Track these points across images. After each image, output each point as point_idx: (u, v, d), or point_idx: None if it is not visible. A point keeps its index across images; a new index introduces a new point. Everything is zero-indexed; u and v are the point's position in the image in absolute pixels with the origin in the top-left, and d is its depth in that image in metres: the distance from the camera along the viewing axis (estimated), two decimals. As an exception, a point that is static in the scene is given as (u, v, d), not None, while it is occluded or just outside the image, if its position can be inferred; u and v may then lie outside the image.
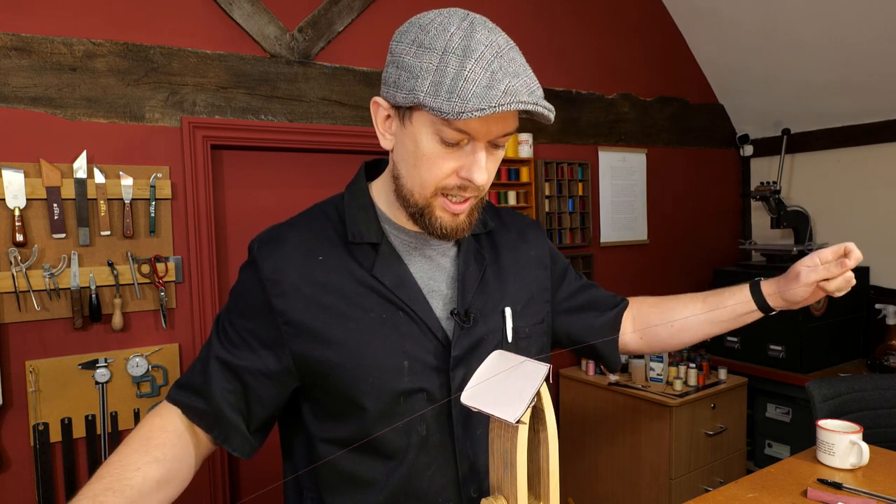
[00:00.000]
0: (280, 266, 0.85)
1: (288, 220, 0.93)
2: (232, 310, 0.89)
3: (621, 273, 3.18)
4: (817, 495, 1.18)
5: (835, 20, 2.73)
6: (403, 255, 0.89)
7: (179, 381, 0.89)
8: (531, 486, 0.79)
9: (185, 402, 0.87)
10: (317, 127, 2.23)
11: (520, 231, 1.04)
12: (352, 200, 0.92)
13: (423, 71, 0.74)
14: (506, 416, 0.72)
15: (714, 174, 3.59)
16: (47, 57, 1.81)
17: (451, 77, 0.72)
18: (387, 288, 0.86)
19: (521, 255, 1.01)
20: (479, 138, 0.78)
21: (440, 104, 0.73)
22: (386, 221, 0.90)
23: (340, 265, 0.86)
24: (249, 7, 2.09)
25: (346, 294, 0.85)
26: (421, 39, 0.76)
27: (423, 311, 0.87)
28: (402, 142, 0.82)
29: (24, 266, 1.77)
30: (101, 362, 1.88)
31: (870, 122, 3.06)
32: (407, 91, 0.76)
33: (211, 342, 0.89)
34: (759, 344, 2.87)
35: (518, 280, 0.98)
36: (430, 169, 0.80)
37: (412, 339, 0.86)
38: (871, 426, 1.79)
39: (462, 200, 0.83)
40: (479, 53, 0.73)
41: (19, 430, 1.81)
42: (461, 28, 0.75)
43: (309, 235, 0.89)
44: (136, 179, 1.91)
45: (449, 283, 0.91)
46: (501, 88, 0.72)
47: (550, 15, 2.85)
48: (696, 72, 3.44)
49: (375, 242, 0.88)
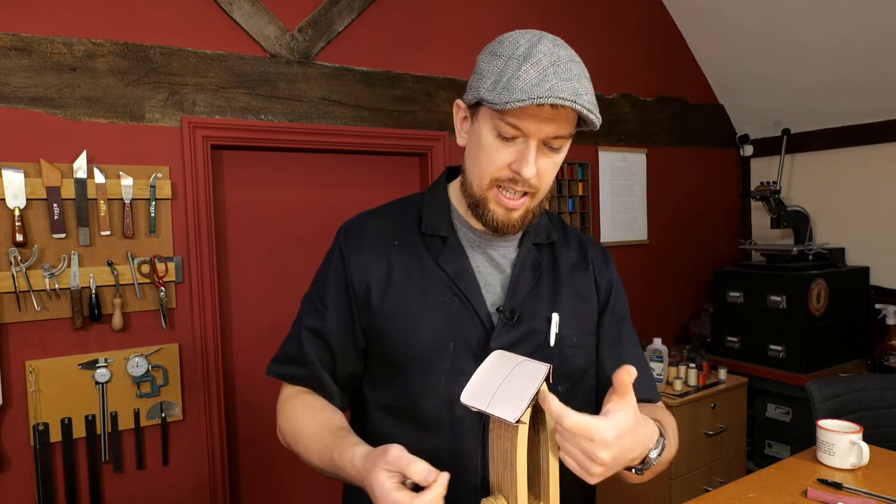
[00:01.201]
0: (359, 245, 0.99)
1: (374, 209, 1.07)
2: (316, 284, 1.03)
3: (621, 273, 3.14)
4: (817, 495, 1.18)
5: (835, 20, 2.73)
6: (468, 250, 0.99)
7: (277, 357, 1.04)
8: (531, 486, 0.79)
9: (288, 373, 1.01)
10: (317, 127, 2.23)
11: (582, 250, 1.08)
12: (430, 197, 1.03)
13: (488, 73, 0.86)
14: (505, 416, 0.72)
15: (714, 174, 3.59)
16: (47, 57, 1.81)
17: (509, 76, 0.82)
18: (448, 276, 0.96)
19: (578, 273, 1.05)
20: (531, 135, 0.86)
21: (493, 97, 0.83)
22: (457, 218, 1.01)
23: (412, 251, 0.98)
24: (249, 7, 2.09)
25: (412, 276, 0.97)
26: (495, 49, 0.88)
27: (477, 301, 0.95)
28: (471, 138, 0.93)
29: (24, 266, 1.77)
30: (101, 362, 1.88)
31: (870, 122, 3.06)
32: (474, 90, 0.88)
33: (300, 317, 1.03)
34: (760, 344, 2.87)
35: (572, 294, 1.02)
36: (488, 161, 0.89)
37: (461, 324, 0.95)
38: (871, 426, 1.79)
39: (516, 196, 0.90)
40: (537, 59, 0.82)
41: (19, 430, 1.81)
42: (530, 40, 0.85)
43: (389, 223, 1.02)
44: (136, 179, 1.91)
45: (503, 283, 0.99)
46: (547, 87, 0.79)
47: (550, 15, 2.85)
48: (696, 72, 3.44)
49: (445, 236, 0.98)
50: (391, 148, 2.40)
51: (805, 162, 3.37)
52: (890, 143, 3.00)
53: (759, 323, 2.88)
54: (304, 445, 0.94)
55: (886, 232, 3.04)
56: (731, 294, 3.00)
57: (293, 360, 1.01)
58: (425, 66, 2.48)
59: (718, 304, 3.07)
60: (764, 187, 3.10)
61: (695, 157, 3.49)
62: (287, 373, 1.02)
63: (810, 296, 2.74)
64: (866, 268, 3.08)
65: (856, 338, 2.98)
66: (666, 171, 3.35)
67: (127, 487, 1.96)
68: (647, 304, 3.29)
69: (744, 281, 2.95)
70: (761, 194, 3.11)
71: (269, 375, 1.04)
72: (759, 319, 2.88)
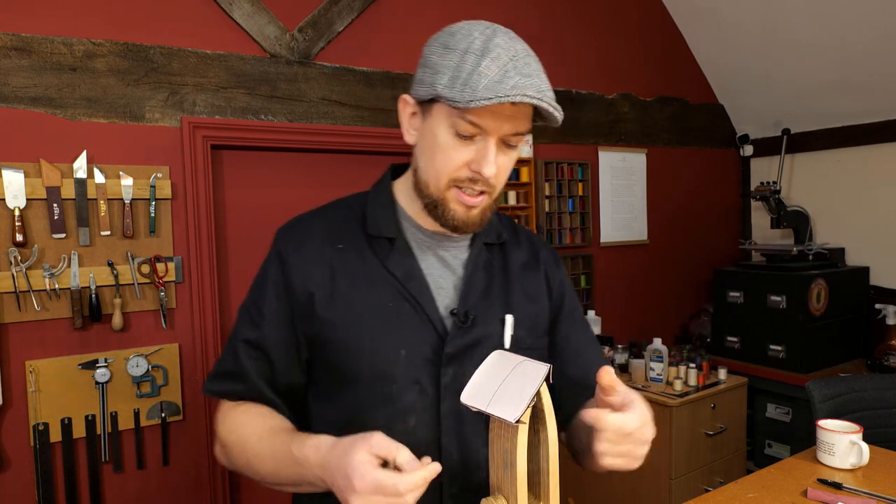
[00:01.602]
0: (299, 249, 0.93)
1: (314, 210, 1.00)
2: (252, 293, 0.96)
3: (621, 273, 3.18)
4: (817, 495, 1.19)
5: (835, 20, 2.73)
6: (417, 252, 0.94)
7: (213, 373, 0.97)
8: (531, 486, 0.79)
9: (225, 390, 0.95)
10: (317, 127, 2.23)
11: (533, 251, 1.05)
12: (375, 197, 0.98)
13: (443, 67, 0.81)
14: (506, 416, 0.72)
15: (714, 174, 3.59)
16: (47, 57, 1.81)
17: (468, 72, 0.79)
18: (397, 280, 0.91)
19: (529, 273, 1.02)
20: (490, 133, 0.83)
21: (454, 94, 0.79)
22: (405, 219, 0.96)
23: (358, 254, 0.93)
24: (249, 7, 2.09)
25: (358, 281, 0.91)
26: (446, 41, 0.83)
27: (428, 305, 0.91)
28: (424, 135, 0.88)
29: (24, 266, 1.77)
30: (101, 362, 1.88)
31: (870, 122, 3.06)
32: (428, 86, 0.83)
33: (236, 330, 0.95)
34: (760, 344, 2.87)
35: (524, 295, 1.00)
36: (445, 160, 0.85)
37: (413, 330, 0.90)
38: (871, 426, 1.79)
39: (475, 194, 0.87)
40: (496, 54, 0.79)
41: (19, 430, 1.81)
42: (484, 33, 0.82)
43: (331, 224, 0.96)
44: (136, 179, 1.91)
45: (455, 284, 0.95)
46: (511, 84, 0.77)
47: (551, 15, 2.85)
48: (696, 72, 3.44)
49: (392, 237, 0.93)
50: (391, 148, 2.40)
51: (805, 162, 3.37)
52: (890, 143, 3.00)
53: (759, 323, 2.88)
54: (254, 451, 0.88)
55: (886, 232, 3.04)
56: (731, 294, 3.00)
57: (230, 375, 0.94)
58: (425, 66, 2.47)
59: (718, 304, 3.07)
60: (764, 187, 3.10)
61: (695, 157, 3.49)
62: (224, 389, 0.95)
63: (810, 296, 2.74)
64: (866, 268, 3.08)
65: (856, 338, 2.98)
66: (666, 171, 3.35)
67: (127, 487, 1.96)
68: (647, 304, 3.29)
69: (744, 281, 2.95)
70: (761, 194, 3.11)
71: (206, 394, 0.97)
72: (759, 319, 2.88)
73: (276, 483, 0.87)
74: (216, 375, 0.96)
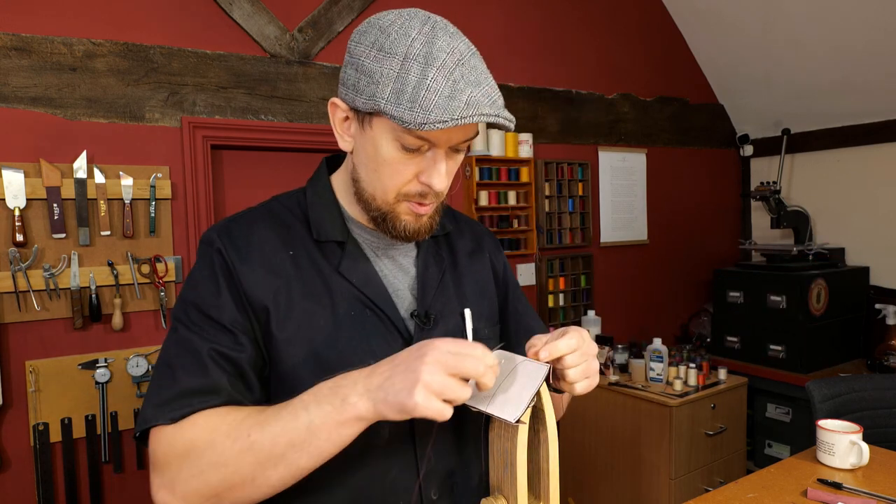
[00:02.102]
0: (247, 257, 0.83)
1: (248, 212, 0.91)
2: (200, 306, 0.81)
3: (621, 273, 3.18)
4: (817, 495, 1.18)
5: (835, 20, 2.73)
6: (368, 254, 0.89)
7: (166, 399, 0.76)
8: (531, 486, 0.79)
9: (202, 407, 0.75)
10: (317, 127, 2.23)
11: (476, 238, 1.05)
12: (315, 198, 0.91)
13: (383, 77, 0.73)
14: (506, 416, 0.72)
15: (714, 174, 3.59)
16: (47, 57, 1.80)
17: (413, 85, 0.71)
18: (354, 286, 0.85)
19: (475, 261, 1.02)
20: (440, 145, 0.77)
21: (402, 113, 0.71)
22: (349, 220, 0.90)
23: (310, 262, 0.85)
24: (249, 7, 2.09)
25: (315, 291, 0.84)
26: (381, 43, 0.74)
27: (390, 310, 0.86)
28: (362, 145, 0.81)
29: (24, 266, 1.77)
30: (101, 362, 1.88)
31: (870, 122, 3.06)
32: (367, 97, 0.75)
33: (189, 339, 0.79)
34: (759, 344, 2.87)
35: (475, 283, 0.99)
36: (392, 175, 0.79)
37: (378, 337, 0.85)
38: (871, 426, 1.79)
39: (425, 202, 0.83)
40: (441, 61, 0.72)
41: (19, 430, 1.81)
42: (422, 33, 0.74)
43: (276, 229, 0.87)
44: (136, 179, 1.91)
45: (410, 284, 0.91)
46: (464, 99, 0.71)
47: (551, 15, 2.85)
48: (696, 72, 3.44)
49: (341, 241, 0.87)
50: (391, 148, 2.40)
51: (805, 162, 3.37)
52: (890, 143, 3.00)
53: (759, 323, 2.88)
54: (255, 421, 0.72)
55: (886, 232, 3.04)
56: (731, 294, 3.00)
57: (198, 392, 0.75)
58: (425, 66, 2.47)
59: (718, 304, 3.07)
60: (764, 187, 3.11)
61: (695, 157, 3.49)
62: (200, 407, 0.75)
63: (810, 296, 2.74)
64: (866, 268, 3.08)
65: (856, 338, 2.98)
66: (666, 171, 3.35)
67: (127, 487, 1.96)
68: (647, 304, 3.29)
69: (744, 281, 2.95)
70: (761, 194, 3.11)
71: (162, 423, 0.75)
72: (759, 319, 2.88)
73: (279, 454, 0.71)
74: (174, 398, 0.75)
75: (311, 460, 0.71)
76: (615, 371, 2.65)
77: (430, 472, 0.87)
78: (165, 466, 0.75)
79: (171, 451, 0.75)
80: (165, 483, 0.75)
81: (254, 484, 0.72)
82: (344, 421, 0.69)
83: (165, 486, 0.75)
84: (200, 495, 0.73)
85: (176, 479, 0.74)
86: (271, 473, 0.71)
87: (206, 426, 0.74)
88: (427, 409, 0.65)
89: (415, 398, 0.65)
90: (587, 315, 2.88)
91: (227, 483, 0.72)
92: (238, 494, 0.73)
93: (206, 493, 0.73)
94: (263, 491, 0.73)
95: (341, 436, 0.70)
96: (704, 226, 3.54)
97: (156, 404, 0.76)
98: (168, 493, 0.74)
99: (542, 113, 2.84)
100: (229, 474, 0.72)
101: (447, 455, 0.89)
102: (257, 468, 0.71)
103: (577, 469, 2.74)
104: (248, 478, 0.72)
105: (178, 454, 0.74)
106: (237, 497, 0.73)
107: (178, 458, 0.74)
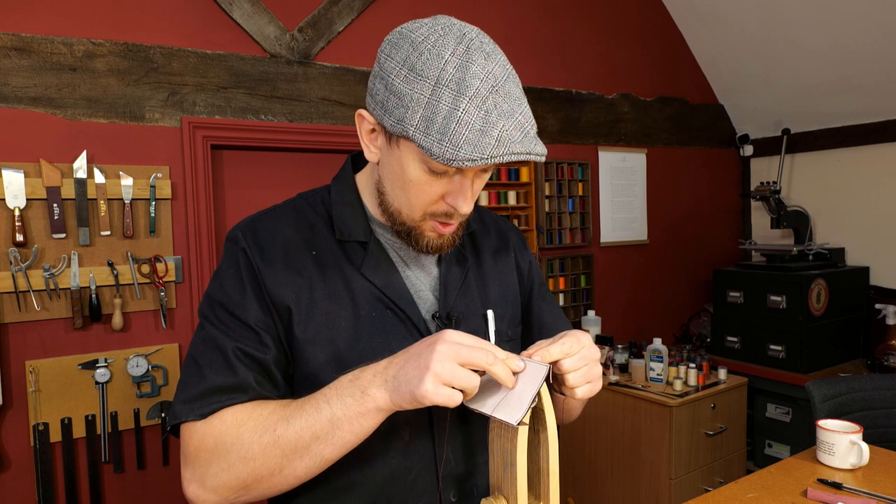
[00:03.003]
0: (271, 258, 0.84)
1: (273, 210, 0.91)
2: (226, 304, 0.83)
3: (621, 273, 3.18)
4: (817, 495, 1.19)
5: (835, 20, 2.73)
6: (390, 255, 0.90)
7: (193, 395, 0.78)
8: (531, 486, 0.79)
9: (229, 403, 0.77)
10: (317, 127, 2.23)
11: (502, 235, 1.05)
12: (338, 197, 0.91)
13: (413, 101, 0.71)
14: (507, 418, 0.72)
15: (714, 174, 3.59)
16: (47, 57, 1.80)
17: (444, 115, 0.69)
18: (376, 287, 0.86)
19: (500, 259, 1.01)
20: (467, 173, 0.78)
21: (431, 145, 0.70)
22: (372, 220, 0.90)
23: (333, 262, 0.86)
24: (249, 7, 2.09)
25: (338, 292, 0.84)
26: (413, 62, 0.72)
27: (411, 311, 0.87)
28: (388, 161, 0.80)
29: (24, 266, 1.77)
30: (101, 362, 1.88)
31: (870, 122, 3.06)
32: (396, 119, 0.73)
33: (215, 337, 0.81)
34: (760, 344, 2.87)
35: (499, 284, 0.99)
36: (418, 195, 0.79)
37: (399, 338, 0.85)
38: (871, 426, 1.79)
39: (451, 224, 0.83)
40: (475, 89, 0.69)
41: (19, 430, 1.81)
42: (456, 54, 0.71)
43: (300, 228, 0.88)
44: (136, 179, 1.91)
45: (432, 286, 0.91)
46: (495, 135, 0.69)
47: (551, 15, 2.85)
48: (696, 72, 3.44)
49: (364, 241, 0.88)
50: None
51: (805, 162, 3.37)
52: (890, 143, 3.00)
53: (759, 323, 2.88)
54: (281, 415, 0.75)
55: (886, 232, 3.04)
56: (731, 294, 3.00)
57: (226, 390, 0.78)
58: (425, 66, 2.47)
59: (718, 304, 3.07)
60: (764, 187, 3.11)
61: (695, 157, 3.49)
62: (228, 403, 0.77)
63: (810, 296, 2.74)
64: (866, 268, 3.08)
65: (856, 338, 2.98)
66: (666, 171, 3.35)
67: (127, 487, 1.96)
68: (647, 304, 3.29)
69: (744, 281, 2.95)
70: (761, 194, 3.11)
71: (193, 419, 0.77)
72: (759, 319, 2.88)
73: (304, 446, 0.73)
74: (202, 395, 0.78)
75: (335, 451, 0.74)
76: (615, 371, 2.65)
77: (448, 474, 0.88)
78: (196, 461, 0.77)
79: (201, 447, 0.77)
80: (196, 477, 0.77)
81: (281, 475, 0.75)
82: (364, 412, 0.72)
83: (196, 479, 0.77)
84: (230, 488, 0.75)
85: (206, 474, 0.76)
86: (298, 465, 0.74)
87: (234, 422, 0.76)
88: (436, 395, 0.67)
89: (425, 385, 0.67)
90: (587, 315, 2.88)
91: (256, 475, 0.74)
92: (266, 485, 0.75)
93: (236, 486, 0.75)
94: (290, 481, 0.76)
95: (363, 426, 0.73)
96: (704, 226, 3.54)
97: (184, 400, 0.79)
98: (199, 487, 0.77)
99: (541, 113, 2.84)
100: (257, 467, 0.74)
101: (465, 458, 0.90)
102: (284, 460, 0.74)
103: (577, 469, 2.74)
104: (275, 470, 0.74)
105: (207, 449, 0.76)
106: (265, 488, 0.75)
107: (207, 453, 0.76)
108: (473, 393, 0.70)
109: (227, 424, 0.76)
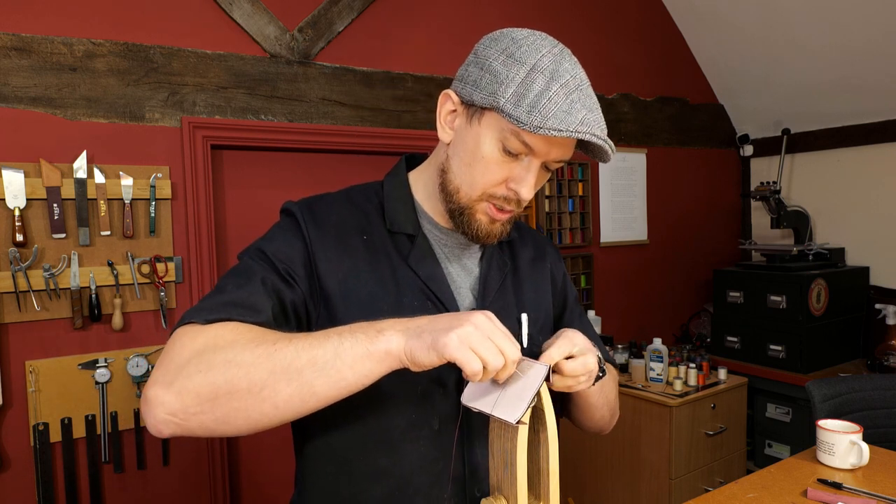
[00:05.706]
0: (324, 233, 0.87)
1: (325, 196, 0.94)
2: (275, 247, 0.84)
3: (621, 273, 3.18)
4: (817, 495, 1.19)
5: (835, 20, 2.73)
6: (436, 250, 0.93)
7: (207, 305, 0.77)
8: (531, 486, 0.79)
9: (239, 318, 0.75)
10: (317, 127, 2.23)
11: (539, 247, 1.08)
12: (391, 190, 0.95)
13: (508, 79, 0.77)
14: (506, 417, 0.72)
15: (714, 174, 3.59)
16: (47, 57, 1.80)
17: (536, 93, 0.75)
18: (420, 278, 0.89)
19: (536, 269, 1.04)
20: (538, 156, 0.81)
21: (520, 114, 0.75)
22: (422, 215, 0.94)
23: (381, 249, 0.90)
24: (249, 7, 2.09)
25: (384, 278, 0.88)
26: (512, 51, 0.79)
27: (451, 305, 0.90)
28: (463, 139, 0.84)
29: (24, 266, 1.77)
30: (101, 362, 1.88)
31: (870, 122, 3.06)
32: (488, 93, 0.79)
33: (249, 266, 0.82)
34: (760, 344, 2.87)
35: (534, 291, 1.02)
36: (484, 172, 0.82)
37: None
38: (871, 426, 1.79)
39: (505, 210, 0.86)
40: (565, 80, 0.77)
41: (19, 430, 1.81)
42: (552, 52, 0.79)
43: (355, 212, 0.92)
44: (136, 179, 1.91)
45: (472, 285, 0.95)
46: (579, 118, 0.75)
47: (550, 15, 2.85)
48: (696, 72, 3.44)
49: (412, 234, 0.91)
50: (391, 148, 2.40)
51: (805, 162, 3.37)
52: (890, 143, 3.00)
53: (759, 323, 2.88)
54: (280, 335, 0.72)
55: (886, 232, 3.04)
56: (731, 294, 3.00)
57: (239, 305, 0.76)
58: (425, 66, 2.48)
59: (718, 304, 3.07)
60: (764, 187, 3.11)
61: (695, 157, 3.49)
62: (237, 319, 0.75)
63: (810, 296, 2.74)
64: (866, 268, 3.08)
65: (856, 338, 2.98)
66: (666, 171, 3.35)
67: (127, 487, 1.96)
68: (647, 304, 3.29)
69: (744, 281, 2.95)
70: (761, 194, 3.11)
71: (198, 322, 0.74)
72: (759, 319, 2.88)
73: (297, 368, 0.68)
74: (217, 306, 0.76)
75: (326, 385, 0.68)
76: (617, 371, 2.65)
77: (475, 469, 0.89)
78: (172, 359, 0.71)
79: (187, 346, 0.71)
80: (166, 377, 0.69)
81: (259, 396, 0.68)
82: (373, 351, 0.68)
83: (163, 379, 0.69)
84: (196, 393, 0.68)
85: (179, 373, 0.69)
86: (282, 388, 0.68)
87: (234, 331, 0.73)
88: (458, 350, 0.66)
89: (450, 336, 0.66)
90: (587, 315, 2.88)
91: (231, 386, 0.67)
92: (235, 405, 0.68)
93: (204, 393, 0.68)
94: (262, 408, 0.68)
95: (365, 367, 0.69)
96: (704, 226, 3.54)
97: (196, 309, 0.77)
98: (163, 387, 0.69)
99: (542, 113, 2.83)
100: (238, 376, 0.67)
101: None
102: (270, 377, 0.68)
103: (577, 469, 2.74)
104: (255, 386, 0.68)
105: (193, 349, 0.71)
106: (232, 408, 0.68)
107: (190, 352, 0.70)
108: (493, 374, 0.69)
109: (226, 330, 0.73)
